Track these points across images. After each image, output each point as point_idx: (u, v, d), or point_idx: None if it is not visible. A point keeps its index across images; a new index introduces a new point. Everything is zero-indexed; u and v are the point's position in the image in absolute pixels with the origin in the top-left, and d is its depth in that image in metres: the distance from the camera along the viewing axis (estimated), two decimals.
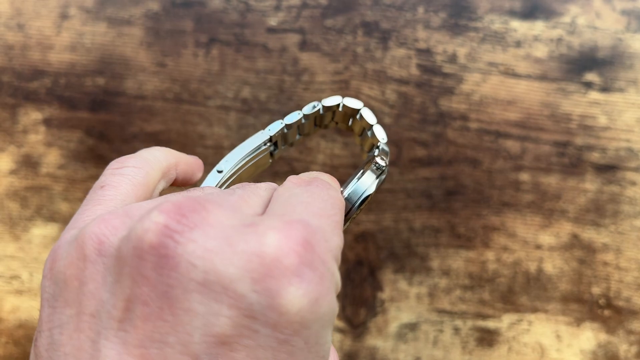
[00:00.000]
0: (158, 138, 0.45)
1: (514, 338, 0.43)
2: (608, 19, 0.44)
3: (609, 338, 0.43)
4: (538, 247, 0.43)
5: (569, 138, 0.44)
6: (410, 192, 0.44)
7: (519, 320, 0.43)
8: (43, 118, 0.45)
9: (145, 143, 0.44)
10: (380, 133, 0.29)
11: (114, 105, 0.45)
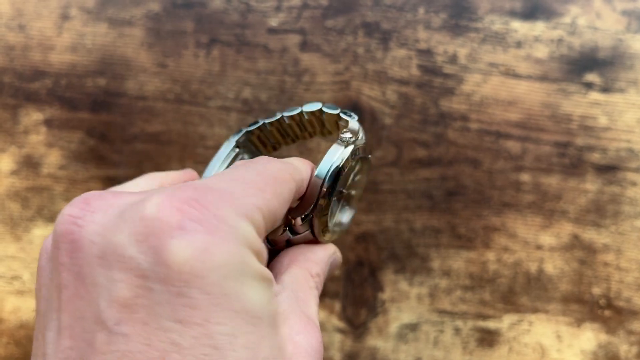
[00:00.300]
0: (159, 139, 0.45)
1: (515, 338, 0.43)
2: (608, 20, 0.44)
3: (610, 338, 0.43)
4: (539, 247, 0.43)
5: (570, 138, 0.44)
6: (411, 192, 0.44)
7: (520, 321, 0.43)
8: (44, 119, 0.45)
9: (146, 144, 0.45)
10: (346, 116, 0.29)
11: (115, 106, 0.45)
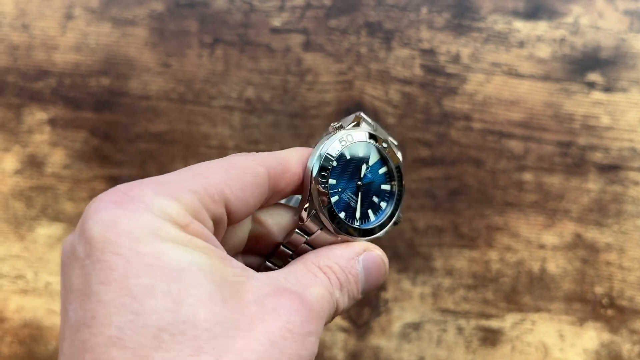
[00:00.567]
0: (162, 138, 0.45)
1: (518, 337, 0.43)
2: (611, 19, 0.44)
3: (612, 337, 0.43)
4: (541, 246, 0.43)
5: (572, 138, 0.44)
6: (414, 192, 0.44)
7: (522, 320, 0.43)
8: (48, 118, 0.45)
9: (150, 143, 0.45)
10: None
11: (119, 106, 0.45)
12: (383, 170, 0.29)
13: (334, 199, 0.27)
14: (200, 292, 0.19)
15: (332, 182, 0.27)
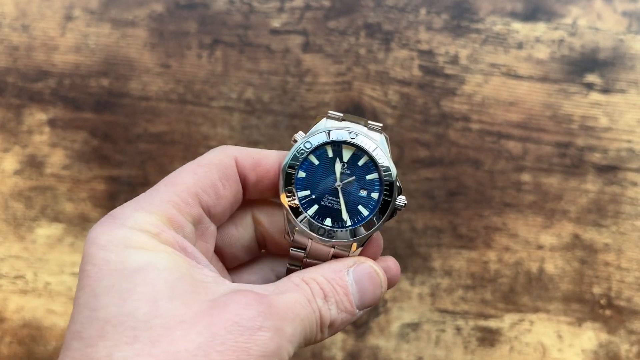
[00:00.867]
0: (162, 139, 0.45)
1: (516, 338, 0.43)
2: (609, 21, 0.44)
3: (610, 338, 0.43)
4: (540, 247, 0.44)
5: (571, 139, 0.44)
6: (413, 192, 0.44)
7: (521, 320, 0.43)
8: (47, 119, 0.45)
9: (150, 144, 0.45)
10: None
11: (118, 106, 0.45)
12: (363, 161, 0.27)
13: (313, 209, 0.26)
14: (148, 289, 0.21)
15: (304, 193, 0.26)
